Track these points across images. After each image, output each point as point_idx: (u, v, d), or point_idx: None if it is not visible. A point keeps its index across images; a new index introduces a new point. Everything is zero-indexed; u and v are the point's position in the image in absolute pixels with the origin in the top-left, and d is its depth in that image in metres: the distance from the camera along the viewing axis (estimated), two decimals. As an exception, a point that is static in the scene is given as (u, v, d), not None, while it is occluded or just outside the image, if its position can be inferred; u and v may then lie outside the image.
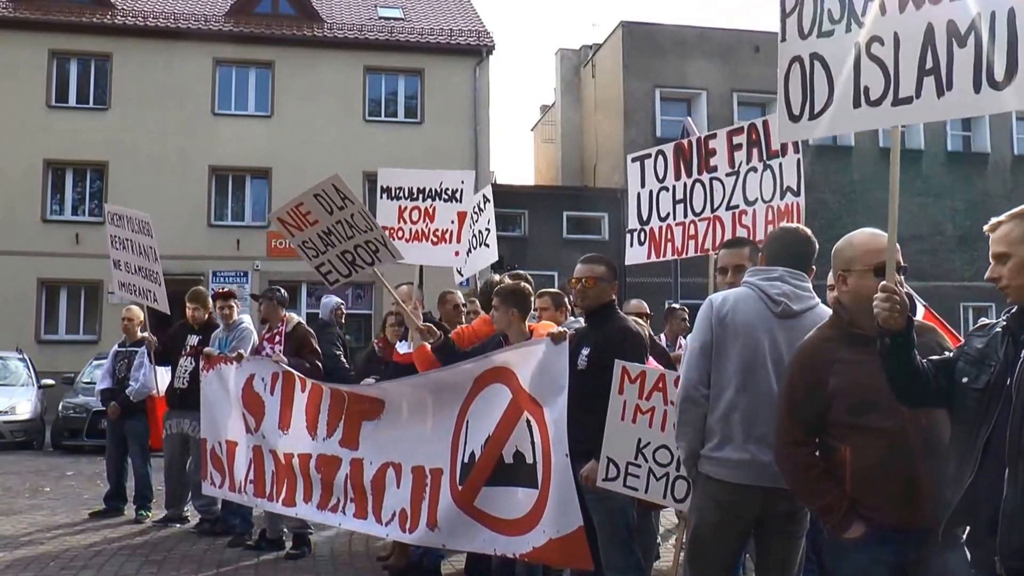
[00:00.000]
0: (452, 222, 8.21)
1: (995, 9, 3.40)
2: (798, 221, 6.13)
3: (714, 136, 6.89)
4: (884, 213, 3.70)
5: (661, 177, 7.10)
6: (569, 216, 31.23)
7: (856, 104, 3.84)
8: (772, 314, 4.54)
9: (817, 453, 4.03)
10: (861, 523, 3.81)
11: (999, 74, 3.37)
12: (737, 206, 6.60)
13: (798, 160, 6.24)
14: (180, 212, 28.32)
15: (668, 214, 7.04)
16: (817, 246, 4.84)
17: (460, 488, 6.22)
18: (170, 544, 8.95)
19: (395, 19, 33.37)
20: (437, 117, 31.48)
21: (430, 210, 8.25)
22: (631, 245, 7.32)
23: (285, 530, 8.69)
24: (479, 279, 9.66)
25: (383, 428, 7.04)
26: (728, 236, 6.53)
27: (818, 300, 4.71)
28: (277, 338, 8.71)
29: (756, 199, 6.48)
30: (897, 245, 3.91)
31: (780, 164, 6.36)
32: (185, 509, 10.01)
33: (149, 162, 28.81)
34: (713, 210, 6.73)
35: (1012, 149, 36.55)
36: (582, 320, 6.61)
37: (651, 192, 7.15)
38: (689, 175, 6.91)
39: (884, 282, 3.47)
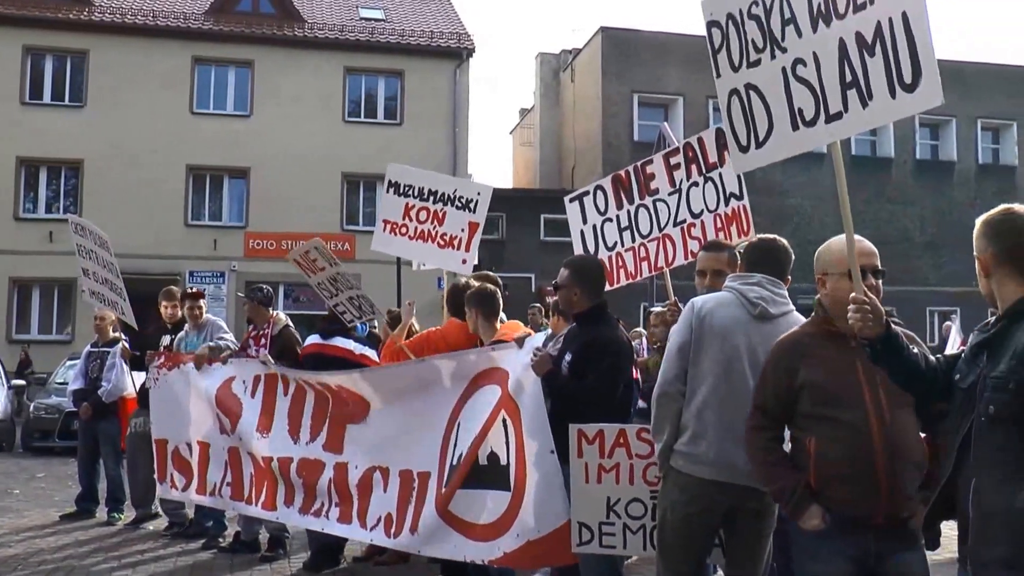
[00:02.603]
0: (463, 230, 8.06)
1: (891, 15, 3.51)
2: (747, 221, 6.32)
3: (650, 162, 6.93)
4: (854, 219, 3.78)
5: (602, 210, 7.12)
6: (547, 219, 31.25)
7: (794, 127, 3.94)
8: (750, 316, 4.68)
9: (787, 443, 4.20)
10: (818, 512, 3.91)
11: (908, 77, 3.49)
12: (684, 220, 6.65)
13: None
14: (157, 211, 28.27)
15: (616, 243, 7.06)
16: (793, 256, 4.99)
17: (442, 491, 6.21)
18: (143, 547, 8.86)
19: (376, 20, 33.37)
20: (417, 119, 31.48)
21: (440, 213, 8.13)
22: None
23: (261, 532, 8.61)
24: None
25: (369, 431, 7.02)
26: (680, 250, 6.65)
27: (792, 307, 4.86)
28: (263, 340, 8.60)
29: (702, 210, 6.55)
30: (875, 249, 4.09)
31: (720, 174, 6.45)
32: (153, 506, 9.93)
33: (125, 161, 28.63)
34: (661, 229, 6.76)
35: (976, 158, 37.41)
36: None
37: (594, 226, 7.18)
38: (631, 202, 6.94)
39: (853, 294, 3.54)
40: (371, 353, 8.42)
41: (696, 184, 6.59)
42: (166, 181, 29.18)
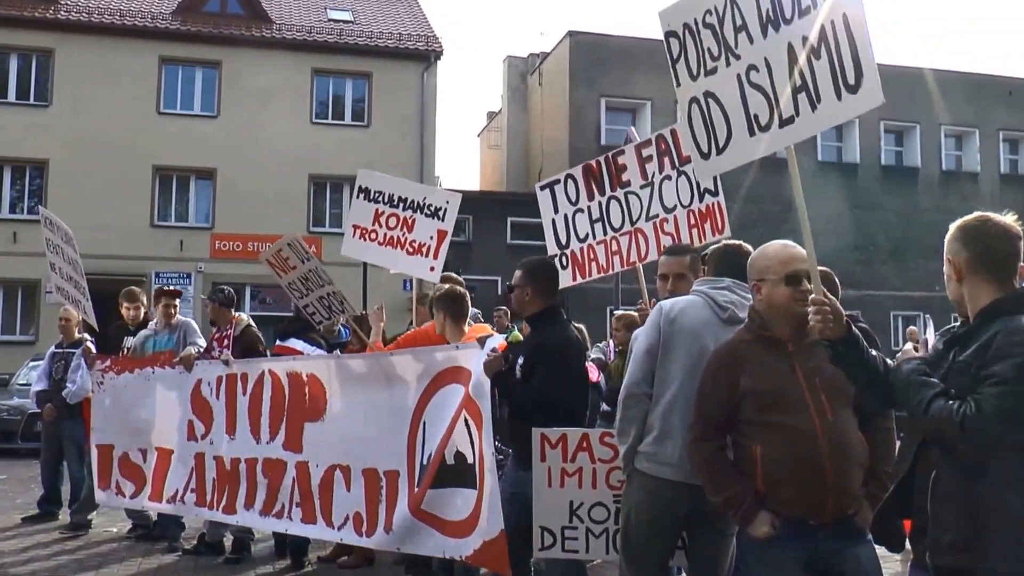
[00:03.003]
0: (431, 238, 8.00)
1: (834, 19, 3.61)
2: (721, 219, 6.31)
3: (622, 152, 6.90)
4: (821, 224, 3.81)
5: (574, 200, 7.08)
6: (514, 222, 31.31)
7: (751, 132, 4.00)
8: (719, 320, 4.73)
9: (730, 451, 4.23)
10: (767, 518, 3.98)
11: (851, 78, 3.58)
12: (657, 215, 6.62)
13: None
14: (122, 212, 28.08)
15: (587, 235, 7.02)
16: None
17: (415, 491, 6.22)
18: (106, 550, 8.82)
19: (344, 22, 33.35)
20: (384, 121, 31.47)
21: (409, 220, 8.09)
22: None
23: (226, 535, 8.58)
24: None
25: (327, 430, 7.04)
26: (652, 245, 6.61)
27: None
28: (226, 341, 8.56)
29: (675, 205, 6.52)
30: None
31: (693, 168, 6.38)
32: (90, 516, 9.82)
33: (91, 160, 28.38)
34: (633, 223, 6.73)
35: (940, 165, 37.85)
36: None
37: (565, 216, 7.13)
38: (602, 193, 6.91)
39: (813, 295, 3.62)
40: (322, 355, 8.50)
41: (669, 178, 6.57)
42: (132, 181, 28.97)
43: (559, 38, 36.31)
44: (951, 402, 3.16)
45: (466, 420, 5.94)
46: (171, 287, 10.88)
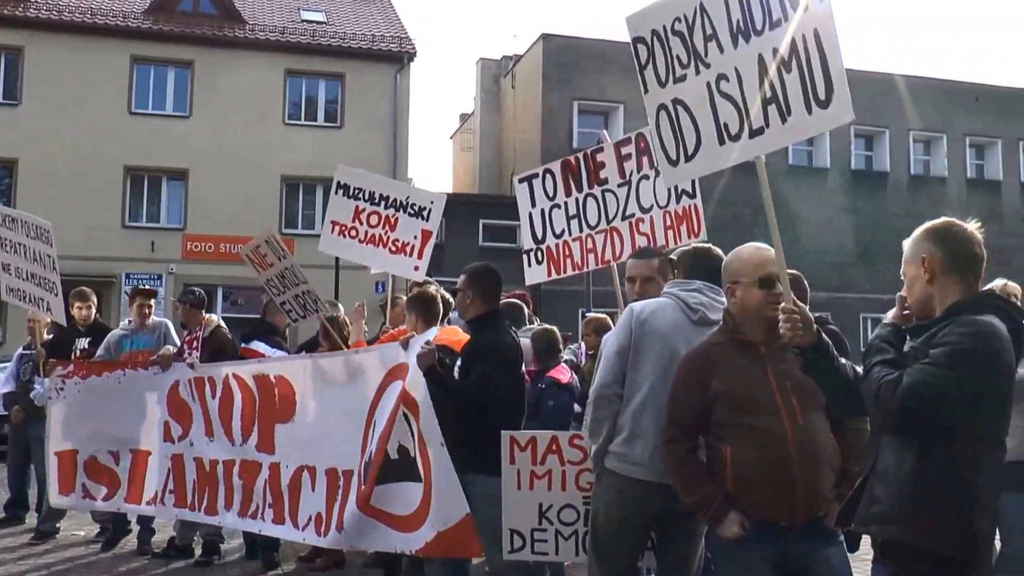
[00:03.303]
0: (415, 237, 7.98)
1: (805, 33, 3.64)
2: (698, 222, 6.29)
3: (601, 150, 6.87)
4: (791, 228, 3.85)
5: (551, 195, 7.04)
6: (486, 224, 31.36)
7: (721, 141, 4.04)
8: (690, 322, 4.77)
9: (703, 452, 4.28)
10: (736, 519, 4.04)
11: (821, 93, 3.61)
12: (633, 215, 6.59)
13: None
14: (93, 212, 27.88)
15: (563, 230, 6.99)
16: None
17: (362, 488, 6.23)
18: (74, 554, 8.74)
19: (318, 23, 33.31)
20: (357, 122, 31.46)
21: (392, 219, 8.04)
22: (529, 265, 7.23)
23: (196, 537, 8.54)
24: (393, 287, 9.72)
25: (296, 431, 7.06)
26: (627, 245, 6.58)
27: None
28: (195, 343, 8.49)
29: (652, 206, 6.49)
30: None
31: (661, 175, 6.31)
32: (58, 523, 9.60)
33: (61, 160, 28.19)
34: (609, 222, 6.69)
35: (909, 169, 38.34)
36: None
37: (542, 211, 7.10)
38: (580, 190, 6.87)
39: (784, 304, 3.66)
40: (288, 356, 8.50)
41: (647, 177, 6.53)
42: (103, 182, 28.82)
43: (532, 41, 36.43)
44: (886, 371, 3.29)
45: (404, 414, 5.97)
46: (147, 287, 10.66)
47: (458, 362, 5.94)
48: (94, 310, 9.78)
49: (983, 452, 3.33)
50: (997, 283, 6.16)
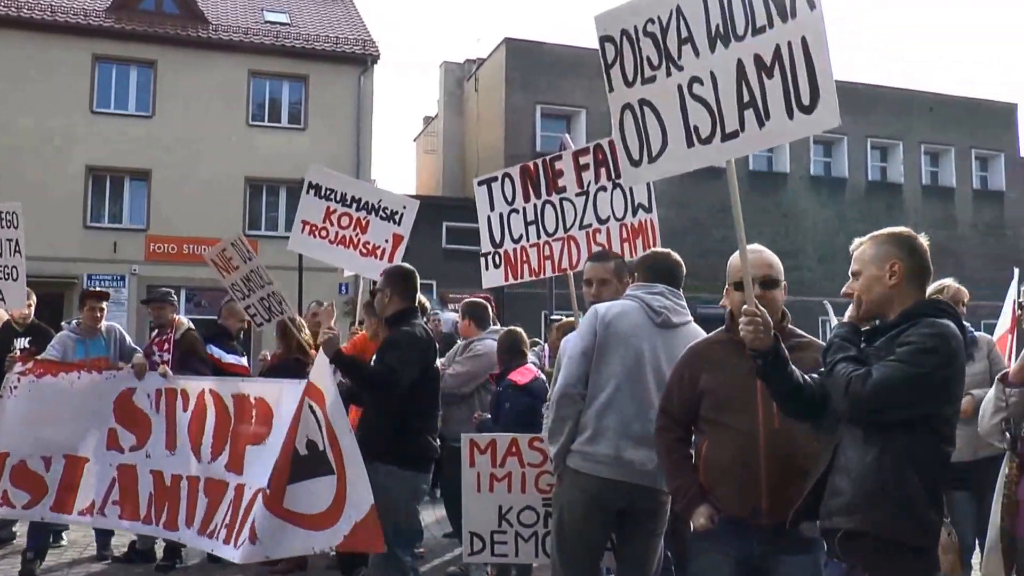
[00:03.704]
0: (387, 241, 7.96)
1: (791, 40, 3.63)
2: (653, 236, 6.28)
3: (559, 158, 6.83)
4: (753, 231, 3.96)
5: (510, 200, 7.00)
6: (449, 227, 31.37)
7: (689, 144, 4.02)
8: (653, 324, 4.92)
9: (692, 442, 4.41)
10: (706, 512, 4.15)
11: (805, 99, 3.60)
12: (590, 225, 6.57)
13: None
14: (54, 213, 27.46)
15: (521, 236, 6.94)
16: (685, 270, 5.25)
17: (268, 493, 6.10)
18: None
19: (281, 24, 33.16)
20: (321, 124, 31.37)
21: (363, 221, 7.99)
22: (486, 268, 7.19)
23: (158, 541, 8.37)
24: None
25: (265, 454, 6.74)
26: (584, 254, 6.54)
27: (691, 319, 5.11)
28: (166, 344, 8.37)
29: (608, 217, 6.48)
30: (768, 261, 4.28)
31: (621, 175, 6.05)
32: (14, 527, 9.25)
33: (21, 160, 27.84)
34: (566, 230, 6.67)
35: (866, 175, 38.97)
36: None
37: (501, 215, 7.06)
38: (538, 196, 6.84)
39: (746, 306, 3.75)
40: (241, 361, 8.63)
41: (604, 189, 6.51)
42: (64, 181, 28.51)
43: (495, 44, 36.46)
44: (853, 367, 3.43)
45: (310, 406, 5.98)
46: (99, 289, 9.96)
47: (375, 356, 6.04)
48: (32, 309, 9.24)
49: (938, 447, 3.51)
50: (944, 283, 6.41)
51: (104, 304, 8.71)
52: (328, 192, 8.17)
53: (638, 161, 4.27)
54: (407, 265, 6.48)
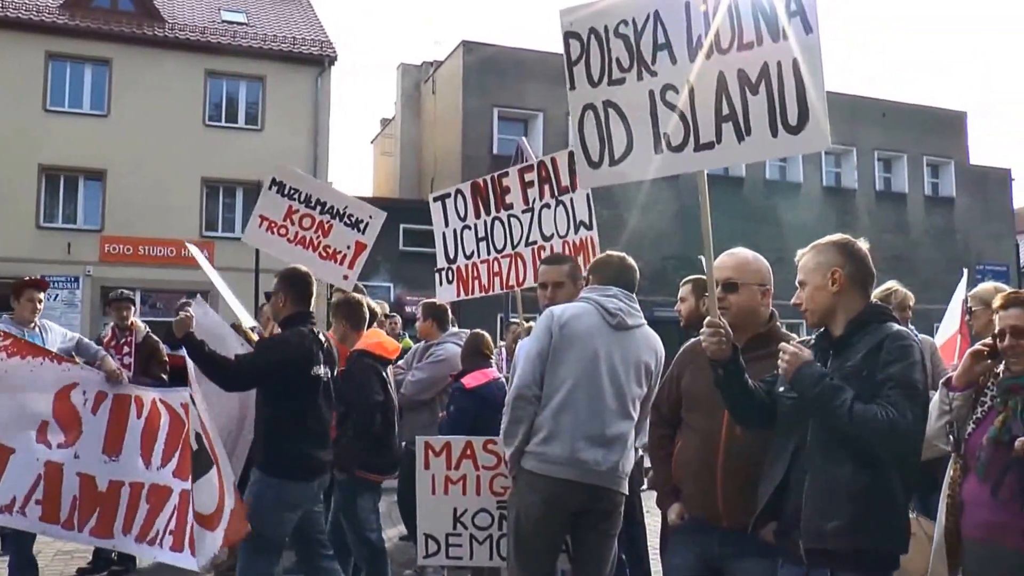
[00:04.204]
0: (348, 247, 7.91)
1: (781, 60, 3.62)
2: (594, 253, 6.26)
3: (506, 175, 6.88)
4: (710, 235, 3.97)
5: (462, 216, 7.07)
6: (406, 229, 31.29)
7: (657, 150, 4.00)
8: (608, 326, 4.97)
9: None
10: (676, 508, 4.31)
11: (792, 119, 3.61)
12: (536, 242, 6.61)
13: (587, 195, 6.29)
14: (6, 212, 27.25)
15: (473, 252, 7.02)
16: (639, 273, 5.31)
17: (184, 497, 6.09)
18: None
19: (238, 24, 32.93)
20: (278, 124, 31.14)
21: (326, 224, 7.93)
22: (440, 284, 7.29)
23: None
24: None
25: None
26: (530, 272, 6.60)
27: (645, 321, 5.18)
28: (126, 348, 8.26)
29: (552, 234, 6.52)
30: (734, 264, 4.37)
31: (571, 199, 6.38)
32: None
33: (-27, 159, 27.41)
34: (514, 247, 6.73)
35: (821, 181, 39.51)
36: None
37: (455, 231, 7.13)
38: (488, 213, 6.90)
39: (709, 318, 3.79)
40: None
41: (548, 206, 6.55)
42: (17, 181, 28.08)
43: (453, 47, 36.41)
44: (874, 408, 3.42)
45: (191, 396, 6.02)
46: (38, 277, 8.92)
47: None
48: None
49: (917, 457, 3.63)
50: (891, 287, 6.53)
51: (42, 295, 7.95)
52: (292, 191, 8.08)
53: (597, 163, 4.24)
54: (303, 268, 6.44)
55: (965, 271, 8.35)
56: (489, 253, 6.91)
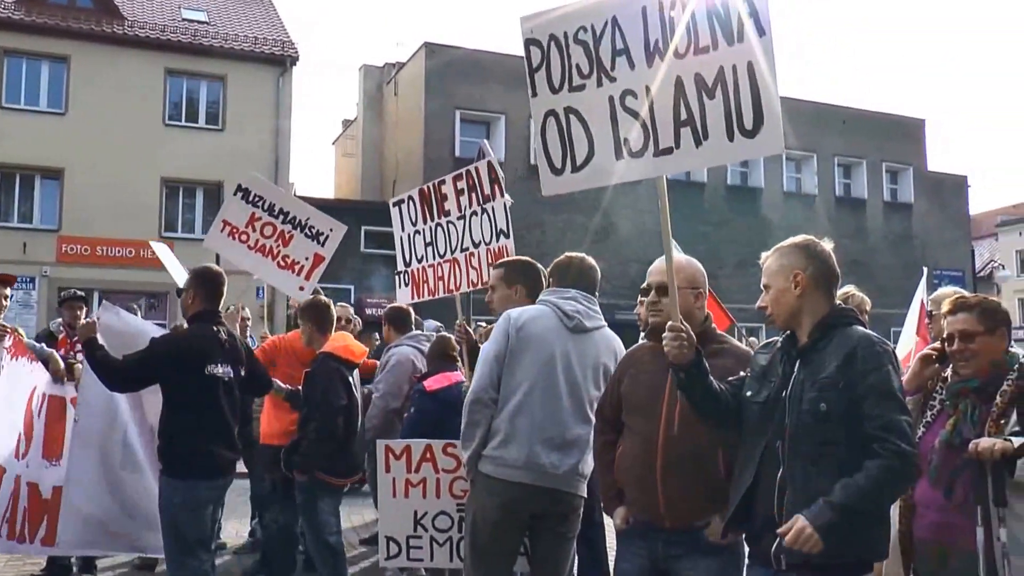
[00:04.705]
0: (307, 259, 7.99)
1: (736, 63, 3.61)
2: None
3: (444, 182, 6.96)
4: (671, 239, 3.96)
5: (414, 221, 7.18)
6: (368, 231, 31.24)
7: (618, 155, 3.97)
8: (566, 328, 4.96)
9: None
10: (622, 512, 4.32)
11: (748, 123, 3.58)
12: (468, 249, 6.70)
13: (504, 204, 6.38)
14: (-40, 211, 26.89)
15: (422, 256, 7.13)
16: (599, 274, 5.31)
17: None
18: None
19: (199, 22, 32.68)
20: (239, 125, 30.94)
21: (287, 234, 8.00)
22: (399, 287, 7.42)
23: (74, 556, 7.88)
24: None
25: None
26: (463, 277, 6.72)
27: (605, 323, 5.17)
28: (80, 346, 8.12)
29: (480, 241, 6.60)
30: (659, 267, 4.26)
31: (492, 208, 6.48)
32: None
33: (-74, 156, 26.94)
34: (452, 252, 6.83)
35: (782, 186, 39.92)
36: None
37: (409, 235, 7.25)
38: (432, 219, 7.01)
39: (671, 322, 3.78)
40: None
41: (476, 214, 6.64)
42: (-29, 178, 27.65)
43: (415, 49, 36.37)
44: (872, 469, 3.36)
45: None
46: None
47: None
48: None
49: None
50: (849, 291, 6.58)
51: (8, 291, 7.37)
52: (257, 199, 8.13)
53: (560, 170, 4.22)
54: (216, 267, 6.43)
55: (925, 270, 8.40)
56: (434, 258, 7.02)
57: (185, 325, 6.40)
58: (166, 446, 5.90)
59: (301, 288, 8.04)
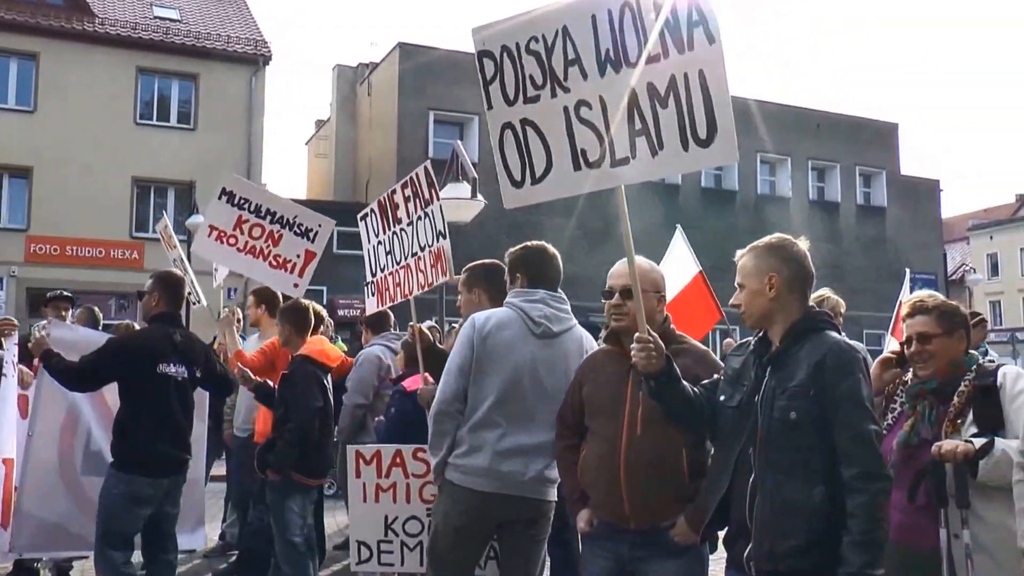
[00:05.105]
0: (298, 256, 7.99)
1: (687, 71, 3.57)
2: (446, 261, 6.36)
3: (395, 192, 7.00)
4: (643, 241, 3.95)
5: (376, 232, 7.23)
6: (340, 232, 31.09)
7: (576, 167, 3.94)
8: (533, 335, 4.88)
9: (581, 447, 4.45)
10: (586, 515, 4.32)
11: (702, 132, 3.55)
12: (416, 253, 6.75)
13: (440, 206, 6.44)
14: (-75, 210, 26.60)
15: (384, 265, 7.17)
16: (560, 262, 5.21)
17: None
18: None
19: (171, 20, 32.49)
20: (211, 124, 30.79)
21: (276, 234, 8.00)
22: (368, 296, 7.50)
23: (44, 559, 7.86)
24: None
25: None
26: (414, 282, 6.77)
27: (576, 322, 5.08)
28: None
29: (425, 245, 6.65)
30: (621, 271, 4.21)
31: (432, 211, 6.52)
32: None
33: None
34: (405, 259, 6.88)
35: (756, 189, 40.12)
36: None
37: (373, 247, 7.30)
38: (389, 228, 7.07)
39: (638, 334, 3.75)
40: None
41: (420, 218, 6.69)
42: (-62, 177, 27.36)
43: (389, 49, 36.34)
44: (859, 502, 3.36)
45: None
46: None
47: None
48: None
49: None
50: (823, 294, 6.56)
51: None
52: (242, 201, 8.08)
53: (520, 182, 4.18)
54: (178, 272, 6.67)
55: (908, 272, 8.42)
56: (393, 265, 7.08)
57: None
58: (117, 441, 6.13)
59: (295, 285, 8.02)
